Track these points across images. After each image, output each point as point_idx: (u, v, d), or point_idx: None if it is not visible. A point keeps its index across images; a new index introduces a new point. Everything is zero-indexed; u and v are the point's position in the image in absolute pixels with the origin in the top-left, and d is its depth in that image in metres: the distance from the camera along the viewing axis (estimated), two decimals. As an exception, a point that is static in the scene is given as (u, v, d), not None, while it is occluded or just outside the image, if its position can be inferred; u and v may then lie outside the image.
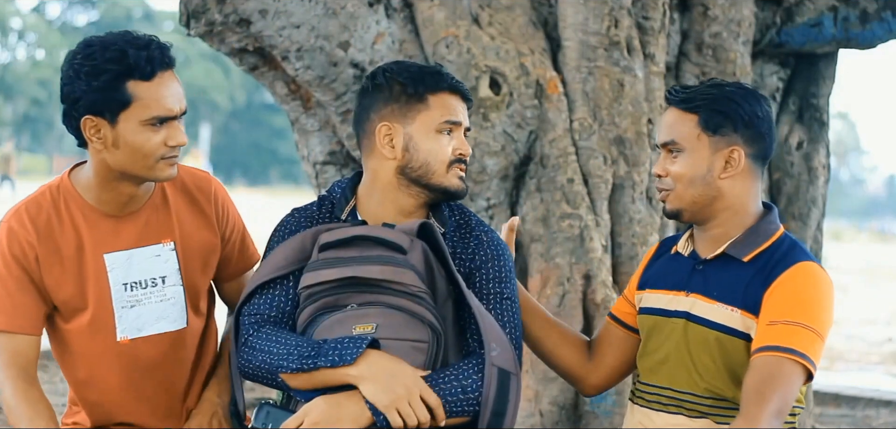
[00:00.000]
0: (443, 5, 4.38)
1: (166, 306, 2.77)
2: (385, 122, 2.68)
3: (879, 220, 60.93)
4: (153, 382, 2.79)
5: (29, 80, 52.57)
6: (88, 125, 2.63)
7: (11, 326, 2.69)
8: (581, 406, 4.35)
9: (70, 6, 59.45)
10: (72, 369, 2.80)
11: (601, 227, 4.38)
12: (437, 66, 2.80)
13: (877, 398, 7.55)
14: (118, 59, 2.59)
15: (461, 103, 2.73)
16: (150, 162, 2.65)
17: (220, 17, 4.38)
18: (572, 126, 4.42)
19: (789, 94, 5.23)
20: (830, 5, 4.95)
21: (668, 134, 2.73)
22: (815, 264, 2.67)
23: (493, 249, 2.73)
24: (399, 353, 2.53)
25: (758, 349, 2.57)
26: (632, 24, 4.49)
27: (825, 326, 2.61)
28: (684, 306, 2.71)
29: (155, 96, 2.62)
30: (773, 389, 2.51)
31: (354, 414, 2.49)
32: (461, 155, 2.72)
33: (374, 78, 2.73)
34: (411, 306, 2.57)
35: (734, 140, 2.68)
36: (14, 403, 2.66)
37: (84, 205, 2.73)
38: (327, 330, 2.57)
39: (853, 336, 11.87)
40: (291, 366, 2.53)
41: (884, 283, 19.61)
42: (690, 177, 2.69)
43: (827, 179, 5.37)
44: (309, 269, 2.64)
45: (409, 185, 2.70)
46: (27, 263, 2.69)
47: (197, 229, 2.82)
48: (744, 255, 2.68)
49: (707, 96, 2.71)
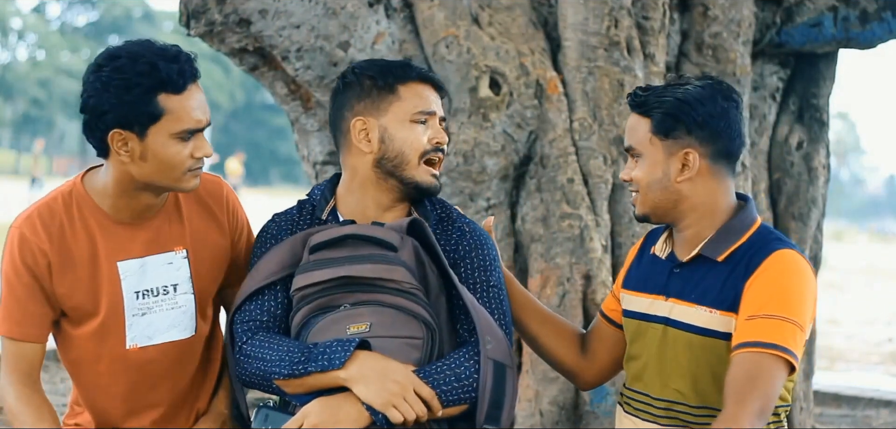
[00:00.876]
0: (443, 5, 4.38)
1: (177, 314, 2.76)
2: (359, 117, 2.71)
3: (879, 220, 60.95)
4: (160, 389, 2.79)
5: (29, 80, 52.56)
6: (116, 138, 2.60)
7: (19, 333, 2.69)
8: (581, 406, 4.35)
9: (70, 6, 59.44)
10: (78, 373, 2.79)
11: (601, 227, 4.38)
12: (407, 59, 2.82)
13: (877, 398, 7.54)
14: (149, 73, 2.56)
15: (433, 93, 2.76)
16: (177, 174, 2.64)
17: (220, 17, 4.38)
18: (572, 126, 4.42)
19: (789, 94, 5.23)
20: (830, 5, 4.95)
21: (628, 139, 2.73)
22: (793, 252, 2.62)
23: (475, 238, 2.75)
24: (394, 350, 2.54)
25: (737, 345, 2.52)
26: (632, 24, 4.49)
27: (805, 315, 2.57)
28: (663, 311, 2.69)
29: (185, 109, 2.60)
30: (755, 387, 2.46)
31: (353, 415, 2.50)
32: (438, 144, 2.74)
33: (345, 77, 2.76)
34: (404, 304, 2.58)
35: (688, 143, 2.64)
36: (17, 408, 2.67)
37: (98, 212, 2.71)
38: (322, 331, 2.58)
39: (853, 336, 11.86)
40: (283, 372, 2.54)
41: (884, 283, 19.60)
42: (648, 182, 2.68)
43: (827, 179, 5.37)
44: (300, 271, 2.64)
45: (386, 178, 2.71)
46: (38, 270, 2.67)
47: (209, 236, 2.82)
48: (718, 254, 2.64)
49: (660, 100, 2.67)
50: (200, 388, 2.86)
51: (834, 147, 7.20)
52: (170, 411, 2.81)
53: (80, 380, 2.79)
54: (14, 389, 2.68)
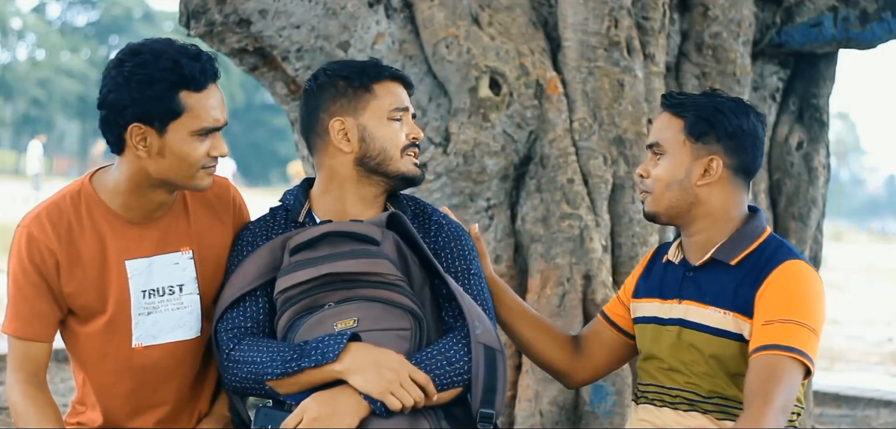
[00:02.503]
0: (443, 5, 4.38)
1: (183, 315, 2.77)
2: (337, 117, 2.74)
3: (879, 220, 60.95)
4: (163, 389, 2.80)
5: (29, 80, 52.55)
6: (135, 133, 2.62)
7: (26, 333, 2.70)
8: (581, 406, 4.35)
9: (70, 6, 59.45)
10: (83, 371, 2.80)
11: (601, 227, 4.38)
12: (374, 59, 2.87)
13: (877, 398, 7.55)
14: (172, 69, 2.60)
15: (404, 90, 2.82)
16: (192, 171, 2.66)
17: (220, 17, 4.38)
18: (572, 126, 4.42)
19: (789, 94, 5.23)
20: (830, 5, 4.95)
21: (655, 136, 2.79)
22: (803, 262, 2.70)
23: (452, 230, 2.81)
24: (383, 342, 2.57)
25: (757, 349, 2.59)
26: (632, 24, 4.49)
27: (819, 322, 2.65)
28: (678, 314, 2.75)
29: (205, 107, 2.64)
30: (776, 386, 2.53)
31: (351, 406, 2.52)
32: (414, 138, 2.80)
33: (317, 79, 2.79)
34: (390, 296, 2.61)
35: (715, 149, 2.72)
36: (22, 407, 2.68)
37: (107, 210, 2.72)
38: (308, 331, 2.59)
39: (853, 336, 11.86)
40: (276, 372, 2.56)
41: (884, 283, 19.59)
42: (668, 180, 2.74)
43: (827, 179, 5.37)
44: (282, 273, 2.66)
45: (368, 175, 2.75)
46: (46, 269, 2.68)
47: (215, 236, 2.83)
48: (731, 258, 2.72)
49: (697, 103, 2.75)
50: (203, 389, 2.87)
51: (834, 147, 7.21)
52: (173, 412, 2.82)
53: (85, 378, 2.80)
54: (20, 388, 2.69)
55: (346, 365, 2.52)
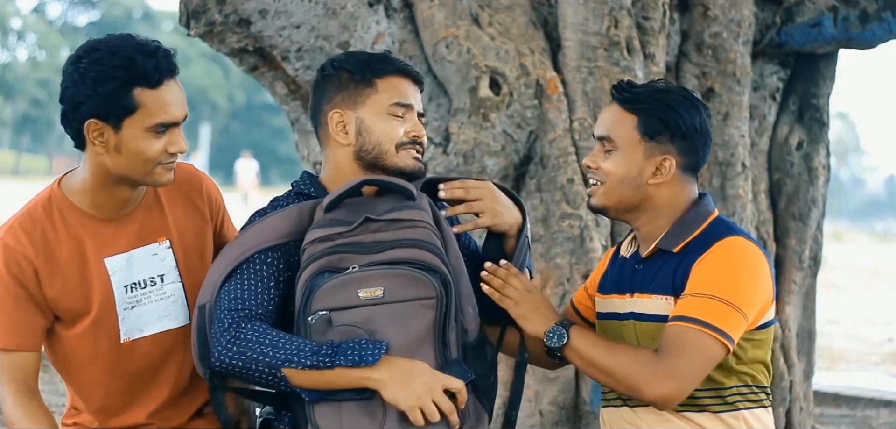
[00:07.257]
0: (443, 5, 4.38)
1: (167, 304, 2.78)
2: (336, 109, 2.73)
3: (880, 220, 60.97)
4: (158, 380, 2.80)
5: (29, 80, 52.57)
6: (92, 129, 2.63)
7: (11, 343, 2.70)
8: (581, 406, 4.35)
9: (70, 6, 59.47)
10: (75, 375, 2.80)
11: (601, 227, 4.39)
12: (386, 53, 2.84)
13: (877, 398, 7.56)
14: (126, 66, 2.60)
15: (411, 86, 2.76)
16: (149, 168, 2.66)
17: (220, 17, 4.38)
18: (572, 126, 4.42)
19: (789, 94, 5.24)
20: (830, 5, 4.95)
21: (606, 129, 2.74)
22: (743, 239, 2.67)
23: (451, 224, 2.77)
24: (406, 314, 2.52)
25: (671, 318, 2.59)
26: (632, 24, 4.49)
27: (745, 299, 2.60)
28: (630, 307, 2.74)
29: (160, 104, 2.63)
30: (672, 354, 2.53)
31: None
32: (415, 137, 2.73)
33: (324, 70, 2.77)
34: (420, 256, 2.55)
35: (668, 149, 2.70)
36: (14, 416, 2.69)
37: (79, 212, 2.73)
38: (329, 293, 2.52)
39: (853, 336, 11.86)
40: (304, 362, 2.47)
41: (884, 283, 19.58)
42: (620, 177, 2.71)
43: (827, 179, 5.37)
44: (314, 227, 2.61)
45: (367, 169, 2.72)
46: (25, 278, 2.68)
47: (191, 224, 2.84)
48: (674, 246, 2.70)
49: (650, 100, 2.71)
50: (201, 379, 2.86)
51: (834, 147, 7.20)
52: (168, 402, 2.82)
53: (77, 382, 2.80)
54: (11, 398, 2.70)
55: (381, 374, 2.47)
